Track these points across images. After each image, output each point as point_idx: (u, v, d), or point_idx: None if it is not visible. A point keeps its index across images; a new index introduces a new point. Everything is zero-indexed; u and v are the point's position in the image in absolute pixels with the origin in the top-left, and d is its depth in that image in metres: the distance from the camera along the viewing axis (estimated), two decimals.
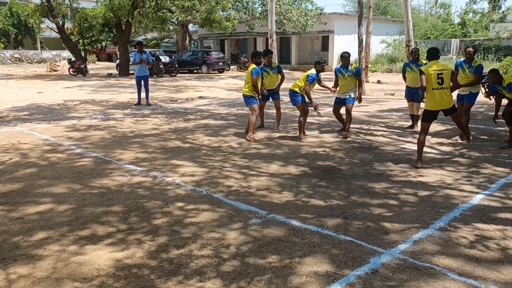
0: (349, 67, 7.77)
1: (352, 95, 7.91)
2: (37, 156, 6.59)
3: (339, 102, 8.06)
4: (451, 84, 5.98)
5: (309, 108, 7.75)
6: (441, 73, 5.81)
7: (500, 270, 3.17)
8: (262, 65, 8.12)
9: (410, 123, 8.76)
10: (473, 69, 7.30)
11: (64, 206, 4.49)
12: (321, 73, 7.66)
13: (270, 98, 8.51)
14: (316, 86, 7.92)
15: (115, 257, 3.41)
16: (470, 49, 7.43)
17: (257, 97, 7.87)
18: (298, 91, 7.55)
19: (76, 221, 4.10)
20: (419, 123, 8.63)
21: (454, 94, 7.76)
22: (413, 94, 8.45)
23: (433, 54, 6.09)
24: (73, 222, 4.09)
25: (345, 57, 7.82)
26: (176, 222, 4.07)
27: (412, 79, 8.42)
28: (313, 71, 7.49)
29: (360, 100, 8.08)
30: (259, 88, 7.92)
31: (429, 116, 5.99)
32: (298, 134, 7.70)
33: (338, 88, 8.04)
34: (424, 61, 8.56)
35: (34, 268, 3.26)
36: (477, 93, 7.44)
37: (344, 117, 8.09)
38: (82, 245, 3.61)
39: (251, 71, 7.69)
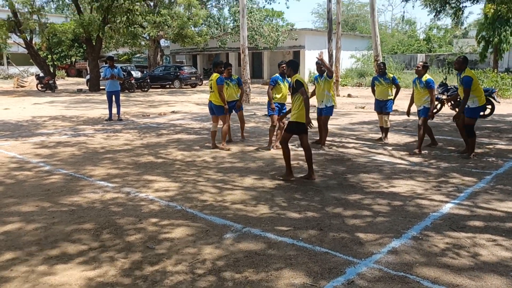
0: (323, 74, 8.03)
1: (328, 105, 8.10)
2: (3, 174, 6.36)
3: (320, 113, 8.29)
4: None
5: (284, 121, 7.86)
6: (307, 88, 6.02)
7: (472, 276, 3.25)
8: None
9: (380, 135, 8.95)
10: (423, 85, 7.44)
11: (33, 225, 4.34)
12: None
13: (233, 110, 8.64)
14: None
15: (87, 276, 3.31)
16: (418, 64, 7.67)
17: (224, 108, 7.96)
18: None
19: (45, 240, 3.96)
20: (388, 134, 8.87)
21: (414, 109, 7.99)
22: (382, 107, 8.66)
23: (298, 66, 6.16)
24: (42, 241, 3.95)
25: (318, 63, 8.10)
26: (150, 238, 4.00)
27: (380, 92, 8.64)
28: (276, 74, 7.92)
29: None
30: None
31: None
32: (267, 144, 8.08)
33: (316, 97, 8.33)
34: (391, 75, 8.82)
35: None
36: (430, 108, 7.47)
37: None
38: (52, 265, 3.48)
39: (217, 80, 7.79)
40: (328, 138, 8.57)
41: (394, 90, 8.68)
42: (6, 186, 5.72)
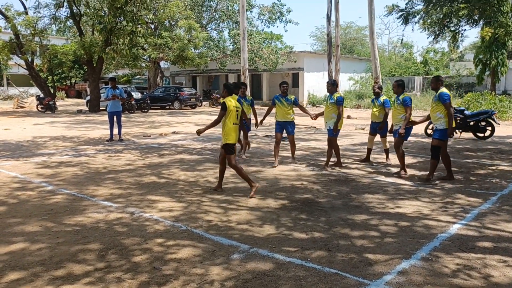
0: (333, 95, 7.97)
1: (332, 127, 8.00)
2: (5, 194, 6.30)
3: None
4: None
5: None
6: (238, 110, 6.18)
7: None
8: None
9: (385, 156, 8.94)
10: (400, 102, 7.49)
11: (37, 245, 4.28)
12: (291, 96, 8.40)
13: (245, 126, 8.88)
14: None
15: None
16: (393, 83, 7.83)
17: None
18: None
19: (50, 261, 3.90)
20: (390, 156, 8.87)
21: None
22: (376, 129, 8.64)
23: (232, 90, 6.37)
24: (47, 261, 3.89)
25: (328, 83, 8.14)
26: (156, 259, 3.94)
27: (373, 114, 8.63)
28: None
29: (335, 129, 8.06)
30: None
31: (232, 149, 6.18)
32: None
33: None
34: (383, 98, 8.64)
35: None
36: (408, 129, 7.40)
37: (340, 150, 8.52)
38: (58, 286, 3.42)
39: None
40: (331, 159, 8.54)
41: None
42: (9, 206, 5.66)
